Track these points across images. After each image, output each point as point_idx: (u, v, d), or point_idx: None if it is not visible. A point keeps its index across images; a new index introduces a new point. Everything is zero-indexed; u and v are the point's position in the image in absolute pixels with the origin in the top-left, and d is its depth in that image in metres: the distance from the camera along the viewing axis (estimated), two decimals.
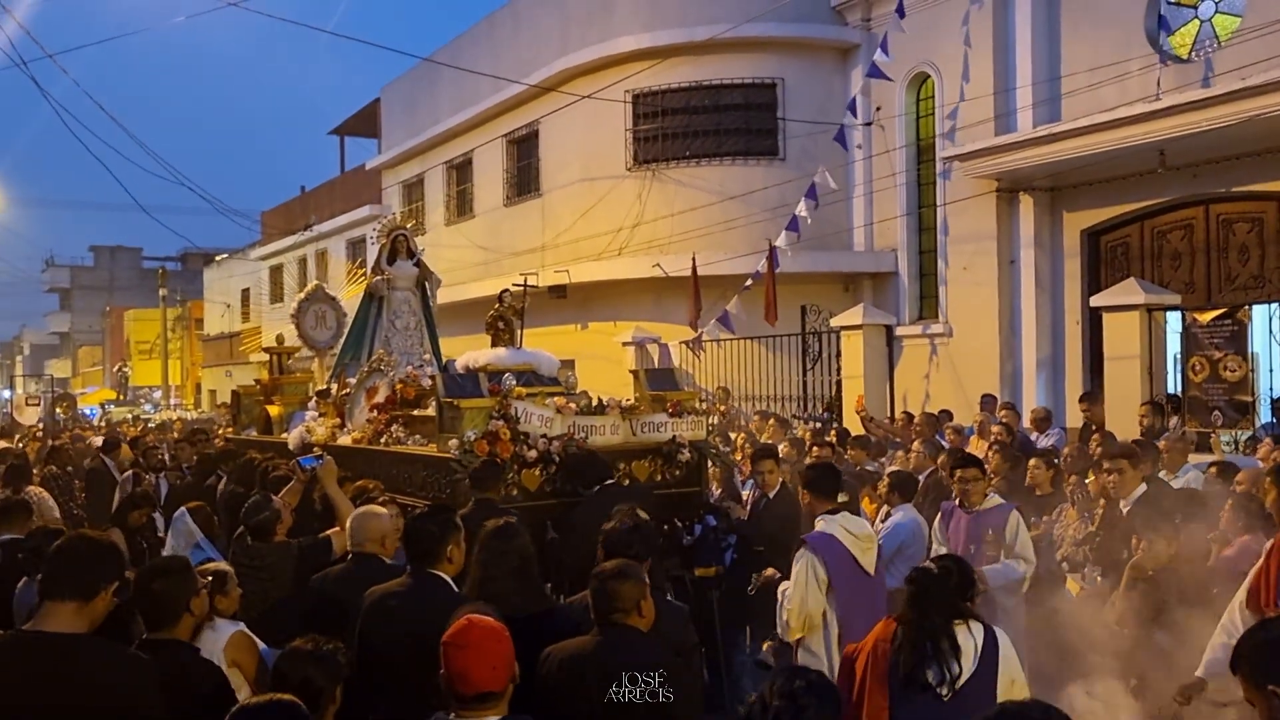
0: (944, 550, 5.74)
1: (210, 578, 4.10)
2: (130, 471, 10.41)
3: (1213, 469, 6.66)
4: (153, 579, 3.61)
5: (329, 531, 5.30)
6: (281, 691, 3.07)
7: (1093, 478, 6.42)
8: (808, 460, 7.98)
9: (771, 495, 6.69)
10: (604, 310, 16.77)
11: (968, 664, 3.45)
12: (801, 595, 4.81)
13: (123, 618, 3.78)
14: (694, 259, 14.30)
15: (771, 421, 10.75)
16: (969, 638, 3.50)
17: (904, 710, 3.42)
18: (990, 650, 3.51)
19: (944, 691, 3.38)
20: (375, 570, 4.37)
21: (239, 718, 2.73)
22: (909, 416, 11.70)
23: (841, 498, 5.27)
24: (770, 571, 5.97)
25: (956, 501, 6.24)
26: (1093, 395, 10.52)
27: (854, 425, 11.96)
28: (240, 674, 3.89)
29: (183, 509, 6.33)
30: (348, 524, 4.75)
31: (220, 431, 12.09)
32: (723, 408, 12.97)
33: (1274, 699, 2.51)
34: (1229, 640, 4.18)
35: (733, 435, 10.63)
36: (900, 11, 13.39)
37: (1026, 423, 10.82)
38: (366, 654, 3.86)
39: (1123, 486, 5.78)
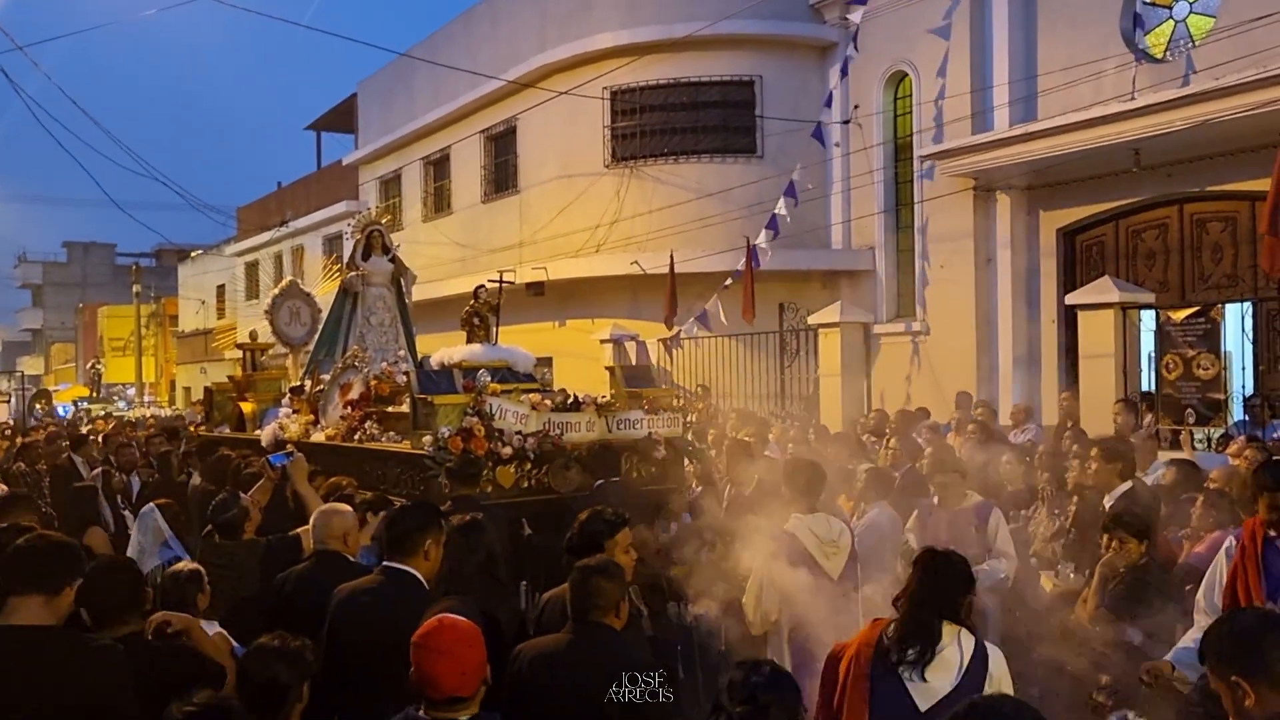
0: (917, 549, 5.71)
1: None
2: (100, 469, 10.25)
3: (1170, 467, 6.62)
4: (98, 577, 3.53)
5: (299, 529, 5.24)
6: (247, 688, 3.03)
7: (1075, 467, 6.37)
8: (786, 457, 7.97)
9: (747, 492, 6.69)
10: (582, 307, 16.72)
11: (950, 678, 3.23)
12: (756, 593, 4.83)
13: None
14: (671, 256, 14.27)
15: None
16: (956, 650, 3.27)
17: (882, 713, 3.28)
18: (978, 666, 3.28)
19: (914, 676, 3.21)
20: (339, 568, 4.33)
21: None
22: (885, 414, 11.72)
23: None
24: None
25: (935, 500, 6.23)
26: (1075, 390, 10.62)
27: (833, 423, 12.00)
28: None
29: (151, 505, 6.21)
30: (311, 521, 4.70)
31: (192, 429, 11.94)
32: (701, 405, 12.92)
33: (1237, 688, 2.63)
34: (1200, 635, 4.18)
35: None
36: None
37: (1005, 419, 10.87)
38: (336, 651, 3.82)
39: (1106, 482, 5.75)
